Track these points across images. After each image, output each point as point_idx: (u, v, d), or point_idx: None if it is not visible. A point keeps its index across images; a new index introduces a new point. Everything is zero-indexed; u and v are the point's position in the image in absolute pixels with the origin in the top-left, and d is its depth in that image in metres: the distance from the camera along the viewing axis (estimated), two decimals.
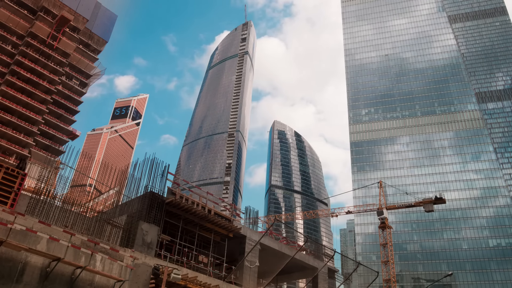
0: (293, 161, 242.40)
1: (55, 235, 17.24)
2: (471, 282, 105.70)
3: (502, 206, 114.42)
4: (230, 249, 29.55)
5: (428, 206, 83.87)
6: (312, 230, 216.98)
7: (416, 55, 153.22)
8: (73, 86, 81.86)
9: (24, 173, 18.39)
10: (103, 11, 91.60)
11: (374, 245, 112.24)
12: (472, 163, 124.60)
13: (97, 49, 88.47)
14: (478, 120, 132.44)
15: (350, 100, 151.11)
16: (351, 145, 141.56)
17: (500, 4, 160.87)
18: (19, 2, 76.36)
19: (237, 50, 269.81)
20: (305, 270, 38.37)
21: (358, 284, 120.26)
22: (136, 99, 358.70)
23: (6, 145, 67.30)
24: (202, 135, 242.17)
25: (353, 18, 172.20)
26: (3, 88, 69.53)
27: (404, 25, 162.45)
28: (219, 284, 25.24)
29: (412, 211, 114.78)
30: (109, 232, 21.71)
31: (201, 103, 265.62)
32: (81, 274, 17.77)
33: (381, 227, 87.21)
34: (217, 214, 27.43)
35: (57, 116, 78.34)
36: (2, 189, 17.53)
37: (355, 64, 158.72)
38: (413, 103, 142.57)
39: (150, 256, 22.22)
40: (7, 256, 15.89)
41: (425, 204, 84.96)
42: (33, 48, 75.57)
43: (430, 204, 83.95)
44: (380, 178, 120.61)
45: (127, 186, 24.76)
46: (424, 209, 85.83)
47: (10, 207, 17.37)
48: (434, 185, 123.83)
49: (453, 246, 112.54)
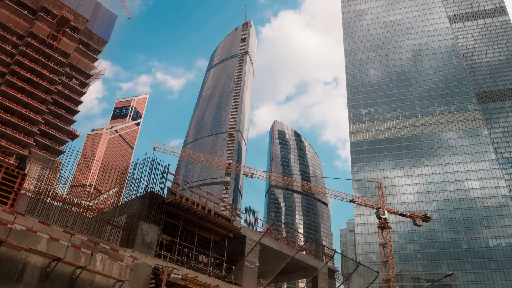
0: (293, 161, 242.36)
1: (55, 235, 17.24)
2: (471, 282, 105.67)
3: (502, 206, 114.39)
4: (230, 249, 29.55)
5: (418, 220, 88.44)
6: (312, 230, 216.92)
7: (416, 55, 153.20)
8: (73, 86, 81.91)
9: (24, 173, 18.39)
10: (103, 11, 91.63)
11: (374, 245, 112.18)
12: (472, 163, 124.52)
13: (97, 49, 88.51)
14: (478, 120, 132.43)
15: (350, 100, 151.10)
16: (351, 145, 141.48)
17: (500, 4, 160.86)
18: (19, 2, 76.39)
19: (237, 50, 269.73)
20: (305, 270, 38.36)
21: (358, 284, 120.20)
22: (136, 99, 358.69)
23: (6, 145, 67.31)
24: (202, 135, 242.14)
25: (353, 18, 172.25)
26: (3, 88, 69.55)
27: (404, 25, 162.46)
28: (219, 284, 25.24)
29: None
30: (109, 232, 21.71)
31: (201, 103, 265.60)
32: (81, 274, 17.77)
33: (380, 227, 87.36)
34: (217, 214, 27.42)
35: (57, 116, 78.38)
36: (2, 189, 17.53)
37: (355, 64, 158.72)
38: (413, 103, 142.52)
39: (150, 256, 22.22)
40: (7, 256, 15.88)
41: (416, 218, 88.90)
42: (33, 48, 75.58)
43: (419, 219, 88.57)
44: (380, 178, 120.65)
45: (127, 186, 24.76)
46: (414, 223, 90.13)
47: (10, 207, 17.36)
48: (434, 185, 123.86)
49: (453, 246, 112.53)
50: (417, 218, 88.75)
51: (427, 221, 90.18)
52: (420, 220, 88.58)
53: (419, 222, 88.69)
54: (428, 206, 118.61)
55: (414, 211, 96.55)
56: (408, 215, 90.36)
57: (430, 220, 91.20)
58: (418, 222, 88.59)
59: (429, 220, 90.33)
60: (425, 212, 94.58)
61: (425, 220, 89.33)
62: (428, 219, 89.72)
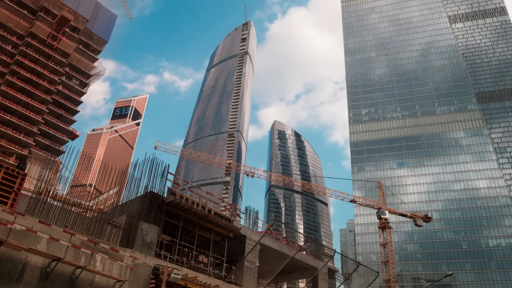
0: (293, 161, 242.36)
1: (55, 235, 17.24)
2: (471, 282, 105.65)
3: (502, 206, 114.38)
4: (230, 249, 29.54)
5: (419, 220, 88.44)
6: (312, 230, 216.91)
7: (416, 55, 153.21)
8: (73, 86, 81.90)
9: (24, 173, 18.39)
10: (103, 11, 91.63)
11: (374, 245, 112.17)
12: (472, 163, 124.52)
13: (97, 49, 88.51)
14: (478, 120, 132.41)
15: (350, 100, 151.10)
16: (351, 145, 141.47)
17: (500, 4, 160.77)
18: (19, 2, 76.37)
19: (237, 50, 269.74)
20: (305, 270, 38.36)
21: (358, 284, 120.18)
22: (136, 99, 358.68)
23: (6, 145, 67.30)
24: (202, 135, 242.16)
25: (353, 17, 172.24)
26: (3, 88, 69.54)
27: (405, 25, 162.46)
28: (219, 284, 25.23)
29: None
30: (109, 232, 21.71)
31: (201, 103, 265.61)
32: (81, 274, 17.76)
33: (381, 227, 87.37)
34: (217, 214, 27.42)
35: (57, 116, 78.37)
36: (2, 189, 17.53)
37: (355, 64, 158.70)
38: (413, 103, 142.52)
39: (150, 256, 22.22)
40: (7, 256, 15.88)
41: (416, 218, 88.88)
42: (33, 48, 75.56)
43: (420, 220, 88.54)
44: (380, 178, 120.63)
45: (127, 186, 24.75)
46: (414, 223, 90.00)
47: (10, 207, 17.36)
48: (435, 185, 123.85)
49: (453, 246, 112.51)
50: (418, 219, 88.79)
51: (428, 221, 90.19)
52: (421, 221, 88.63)
53: (420, 223, 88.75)
54: (428, 206, 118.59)
55: (414, 211, 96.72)
56: (409, 215, 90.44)
57: (431, 221, 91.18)
58: (419, 222, 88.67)
59: (430, 220, 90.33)
60: (425, 212, 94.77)
61: (426, 220, 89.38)
62: (429, 219, 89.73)
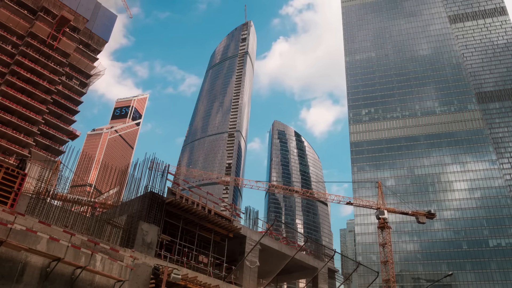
0: (293, 161, 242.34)
1: (55, 235, 17.24)
2: (471, 282, 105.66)
3: (502, 206, 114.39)
4: (230, 249, 29.54)
5: (422, 218, 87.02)
6: (312, 230, 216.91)
7: (416, 55, 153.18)
8: (73, 86, 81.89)
9: (24, 173, 18.39)
10: (103, 11, 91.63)
11: (374, 245, 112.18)
12: (472, 163, 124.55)
13: (97, 49, 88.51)
14: (478, 120, 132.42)
15: (350, 100, 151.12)
16: (351, 145, 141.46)
17: (500, 4, 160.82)
18: (19, 2, 76.36)
19: (237, 50, 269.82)
20: (305, 270, 38.37)
21: (358, 284, 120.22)
22: (136, 99, 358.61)
23: (6, 145, 67.31)
24: (202, 135, 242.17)
25: (353, 18, 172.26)
26: (3, 88, 69.54)
27: (404, 25, 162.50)
28: (219, 284, 25.24)
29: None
30: (109, 232, 21.71)
31: (201, 103, 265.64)
32: (81, 274, 17.76)
33: (380, 227, 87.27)
34: (217, 214, 27.42)
35: (57, 116, 78.36)
36: (2, 189, 17.53)
37: (355, 65, 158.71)
38: (413, 103, 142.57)
39: (150, 256, 22.22)
40: (7, 256, 15.88)
41: (419, 216, 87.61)
42: (33, 48, 75.56)
43: (423, 217, 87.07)
44: (380, 178, 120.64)
45: (127, 186, 24.76)
46: (417, 220, 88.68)
47: (10, 207, 17.36)
48: (434, 185, 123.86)
49: (453, 246, 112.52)
50: (420, 216, 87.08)
51: (431, 218, 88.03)
52: (424, 218, 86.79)
53: (423, 220, 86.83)
54: (428, 206, 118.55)
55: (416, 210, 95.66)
56: (410, 213, 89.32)
57: (434, 217, 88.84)
58: (421, 219, 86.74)
59: (433, 216, 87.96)
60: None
61: (429, 217, 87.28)
62: (432, 215, 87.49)
